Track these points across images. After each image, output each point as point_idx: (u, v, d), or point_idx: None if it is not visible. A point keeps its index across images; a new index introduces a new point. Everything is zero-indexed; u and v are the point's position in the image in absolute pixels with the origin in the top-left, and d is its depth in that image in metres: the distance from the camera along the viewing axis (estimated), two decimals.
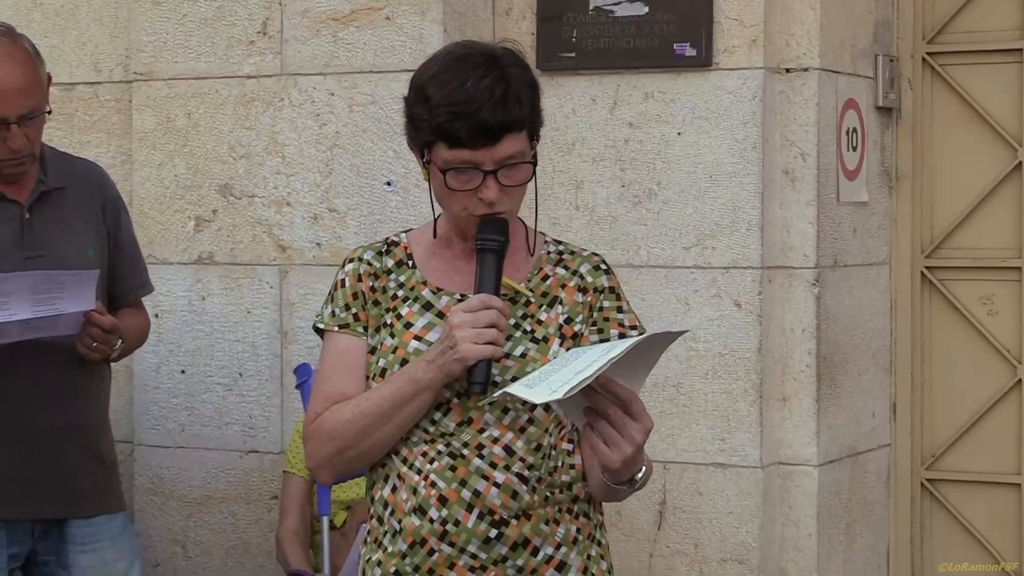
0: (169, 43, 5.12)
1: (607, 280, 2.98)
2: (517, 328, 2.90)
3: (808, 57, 4.78)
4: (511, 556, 2.86)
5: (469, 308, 2.79)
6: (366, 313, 2.95)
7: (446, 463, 2.85)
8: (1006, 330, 5.12)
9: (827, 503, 4.87)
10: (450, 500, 2.85)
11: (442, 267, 2.97)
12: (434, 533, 2.86)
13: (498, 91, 2.79)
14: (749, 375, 4.74)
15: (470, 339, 2.76)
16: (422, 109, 2.84)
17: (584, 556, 2.94)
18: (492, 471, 2.85)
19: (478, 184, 2.82)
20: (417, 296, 2.94)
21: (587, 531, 2.96)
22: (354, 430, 2.86)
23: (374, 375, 2.91)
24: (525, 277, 2.95)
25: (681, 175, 4.79)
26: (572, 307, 2.94)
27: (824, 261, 4.83)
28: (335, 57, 4.92)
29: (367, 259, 3.00)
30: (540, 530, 2.88)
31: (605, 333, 2.94)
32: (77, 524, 4.15)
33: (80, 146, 5.20)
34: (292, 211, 4.98)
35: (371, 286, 2.96)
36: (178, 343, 5.12)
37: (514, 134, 2.82)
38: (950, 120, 5.16)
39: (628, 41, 4.82)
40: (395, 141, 4.84)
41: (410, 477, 2.88)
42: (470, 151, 2.80)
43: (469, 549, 2.85)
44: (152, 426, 5.17)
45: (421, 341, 2.89)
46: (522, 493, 2.86)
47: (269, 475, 5.03)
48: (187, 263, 5.11)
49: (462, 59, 2.85)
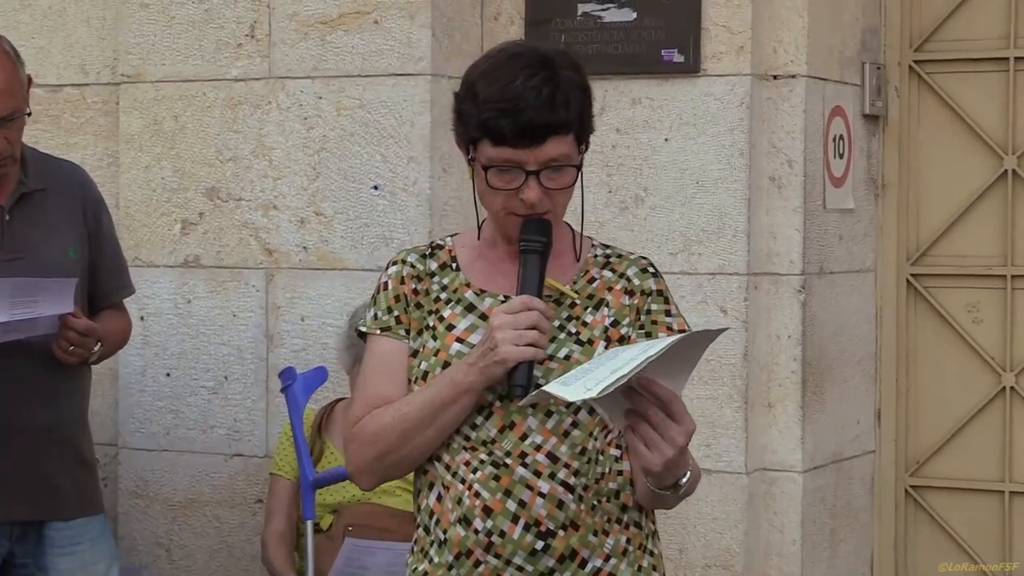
0: (157, 45, 5.11)
1: (655, 283, 2.94)
2: (562, 330, 2.85)
3: (795, 64, 4.78)
4: (558, 569, 2.80)
5: (510, 309, 2.76)
6: (408, 316, 2.91)
7: (489, 472, 2.80)
8: (991, 338, 5.13)
9: (812, 509, 4.87)
10: (495, 511, 2.79)
11: (486, 269, 2.92)
12: (480, 544, 2.80)
13: (546, 91, 2.76)
14: (735, 381, 4.74)
15: (511, 341, 2.72)
16: (470, 105, 2.81)
17: (635, 567, 2.87)
18: (536, 480, 2.79)
19: (520, 184, 2.79)
20: (460, 298, 2.90)
21: (638, 541, 2.89)
22: (395, 434, 2.82)
23: (416, 378, 2.87)
24: (571, 279, 2.91)
25: (668, 181, 4.79)
26: (619, 310, 2.89)
27: (810, 268, 4.84)
28: (323, 60, 4.91)
29: (410, 261, 2.95)
30: (588, 541, 2.82)
31: (653, 336, 2.88)
32: (56, 526, 4.13)
33: (67, 148, 5.19)
34: (279, 214, 4.97)
35: (414, 288, 2.92)
36: (163, 346, 5.12)
37: (560, 136, 2.78)
38: (937, 128, 5.17)
39: (616, 47, 4.83)
40: (382, 145, 4.84)
41: (454, 486, 2.83)
42: (514, 150, 2.76)
43: (515, 561, 2.80)
44: (137, 429, 5.16)
45: (463, 343, 2.85)
46: (568, 502, 2.80)
47: (254, 479, 5.02)
48: (173, 266, 5.11)
49: (515, 57, 2.82)
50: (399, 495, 4.48)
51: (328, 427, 4.67)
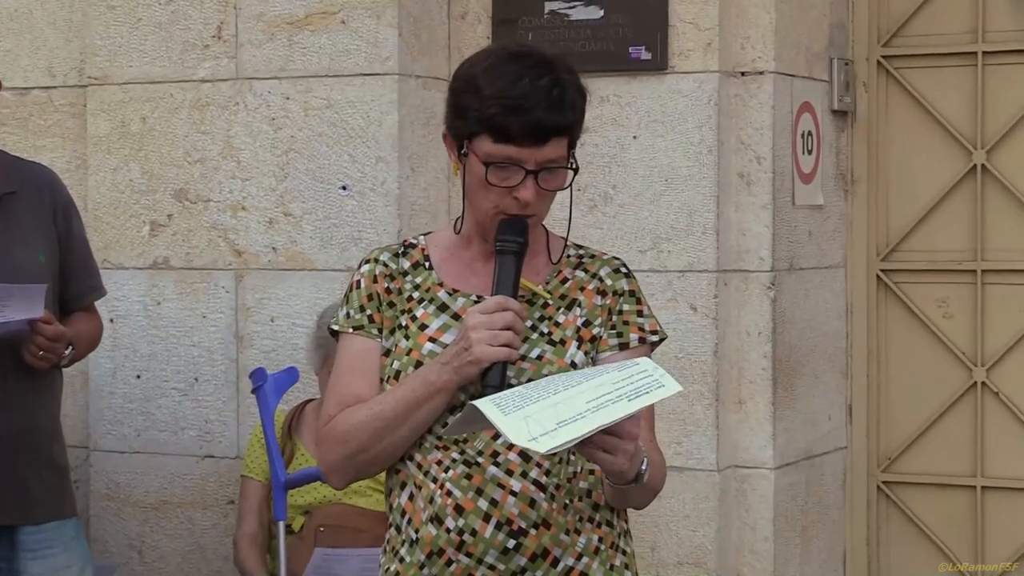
0: (124, 47, 5.09)
1: (627, 283, 2.95)
2: (534, 330, 2.86)
3: (763, 60, 4.79)
4: (530, 567, 2.80)
5: (485, 310, 2.76)
6: (381, 315, 2.91)
7: (461, 471, 2.81)
8: (961, 333, 5.14)
9: (783, 506, 4.87)
10: (467, 509, 2.79)
11: (459, 268, 2.93)
12: (451, 543, 2.80)
13: (555, 92, 2.78)
14: (705, 378, 4.74)
15: (485, 341, 2.73)
16: (471, 99, 2.80)
17: (607, 566, 2.87)
18: (508, 479, 2.79)
19: (517, 183, 2.79)
20: (433, 298, 2.90)
21: (610, 540, 2.89)
22: (367, 433, 2.82)
23: (388, 377, 2.87)
24: (544, 280, 2.92)
25: (636, 179, 4.79)
26: (591, 310, 2.90)
27: (780, 264, 4.84)
28: (290, 61, 4.90)
29: (383, 260, 2.95)
30: (560, 540, 2.82)
31: (624, 336, 2.90)
32: (28, 531, 4.12)
33: (35, 151, 5.17)
34: (247, 215, 4.96)
35: (386, 287, 2.92)
36: (134, 348, 5.10)
37: (560, 138, 2.80)
38: (905, 123, 5.17)
39: (583, 44, 4.82)
40: (350, 145, 4.83)
41: (426, 485, 2.83)
42: (516, 148, 2.77)
43: (487, 560, 2.79)
44: (108, 431, 5.15)
45: (436, 343, 2.85)
46: (540, 501, 2.80)
47: (225, 480, 5.01)
48: (142, 268, 5.09)
49: (519, 56, 2.83)
50: (370, 495, 4.47)
51: (298, 428, 4.66)
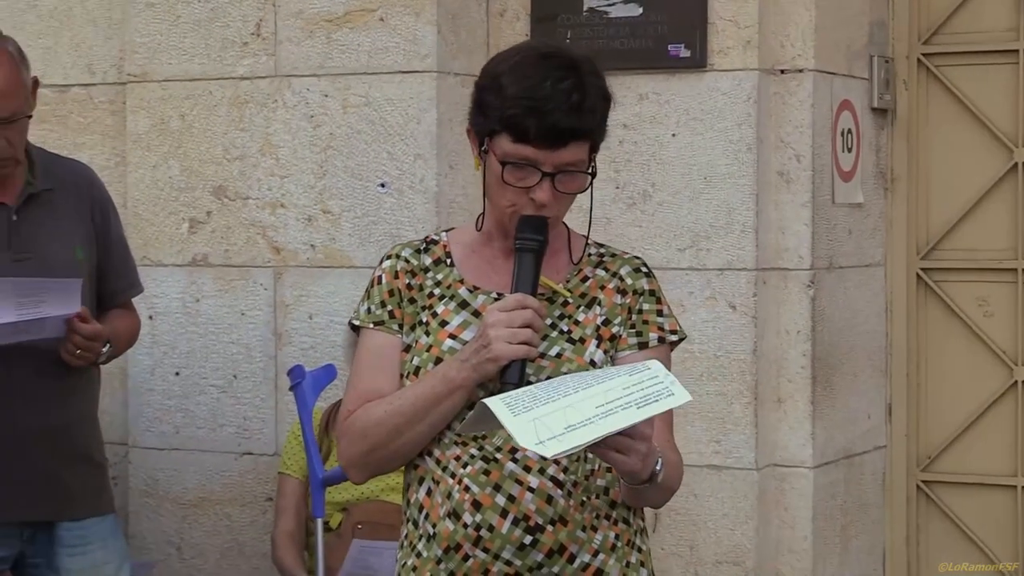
0: (163, 45, 5.11)
1: (647, 283, 2.95)
2: (554, 328, 2.87)
3: (803, 58, 4.77)
4: (546, 563, 2.81)
5: (504, 307, 2.77)
6: (402, 311, 2.93)
7: (479, 467, 2.82)
8: (1002, 332, 5.12)
9: (823, 505, 4.85)
10: (484, 505, 2.81)
11: (480, 265, 2.94)
12: (468, 538, 2.82)
13: (575, 97, 2.79)
14: (744, 377, 4.73)
15: (504, 339, 2.74)
16: (494, 97, 2.82)
17: (623, 563, 2.88)
18: (526, 475, 2.81)
19: (534, 184, 2.80)
20: (454, 294, 2.91)
21: (626, 537, 2.90)
22: (386, 429, 2.84)
23: (408, 373, 2.88)
24: (564, 278, 2.93)
25: (676, 177, 4.78)
26: (610, 308, 2.91)
27: (819, 263, 4.82)
28: (329, 58, 4.91)
29: (405, 256, 2.96)
30: (576, 537, 2.83)
31: (644, 336, 2.91)
32: (66, 527, 4.14)
33: (74, 148, 5.19)
34: (286, 213, 4.97)
35: (408, 283, 2.94)
36: (172, 345, 5.11)
37: (580, 142, 2.81)
38: (945, 121, 5.15)
39: (622, 42, 4.81)
40: (389, 142, 4.83)
41: (444, 480, 2.84)
42: (534, 149, 2.78)
43: (503, 555, 2.81)
44: (147, 428, 5.17)
45: (456, 340, 2.86)
46: (557, 498, 2.81)
47: (263, 477, 5.02)
48: (181, 265, 5.10)
49: (545, 57, 2.83)
50: None
51: (335, 425, 4.66)
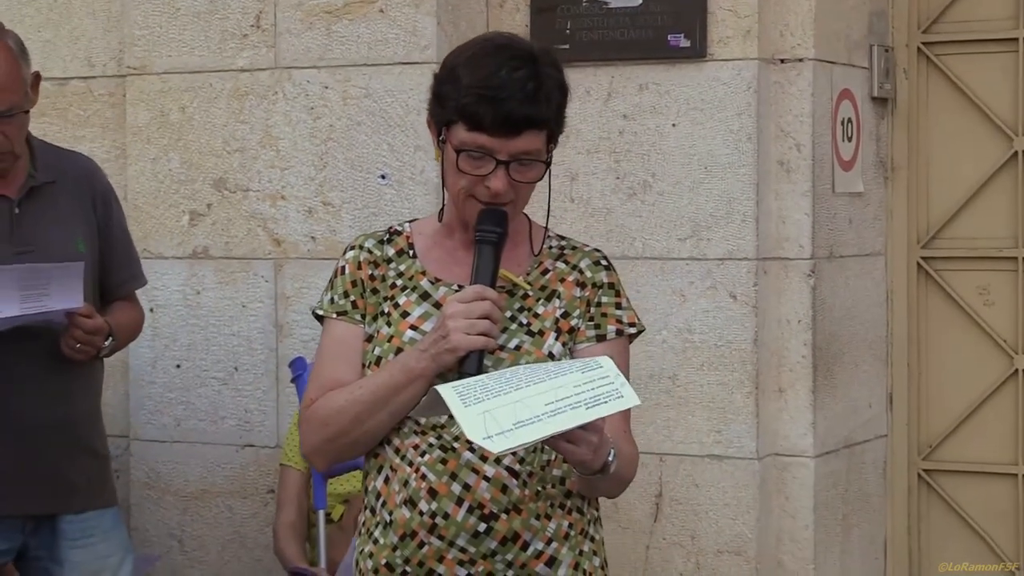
0: (162, 37, 5.11)
1: (606, 276, 2.99)
2: (513, 320, 2.90)
3: (803, 48, 4.77)
4: (500, 550, 2.86)
5: (463, 299, 2.80)
6: (364, 301, 2.96)
7: (437, 456, 2.86)
8: (1002, 320, 5.11)
9: (824, 494, 4.86)
10: (440, 493, 2.85)
11: (442, 257, 2.97)
12: (424, 526, 2.86)
13: (530, 86, 2.81)
14: (745, 366, 4.73)
15: (462, 329, 2.77)
16: (450, 88, 2.85)
17: (576, 552, 2.93)
18: (482, 465, 2.85)
19: (488, 172, 2.83)
20: (415, 286, 2.95)
21: (580, 526, 2.95)
22: (347, 417, 2.88)
23: (370, 363, 2.92)
24: (525, 271, 2.96)
25: (676, 167, 4.78)
26: (570, 301, 2.94)
27: (820, 252, 4.82)
28: (329, 50, 4.90)
29: (368, 247, 3.00)
30: (530, 525, 2.87)
31: (602, 328, 2.94)
32: (68, 519, 4.14)
33: (74, 141, 5.18)
34: (287, 205, 4.97)
35: (370, 274, 2.97)
36: (173, 337, 5.12)
37: (535, 131, 2.83)
38: (946, 110, 5.14)
39: (622, 32, 4.81)
40: (389, 134, 4.83)
41: (402, 468, 2.88)
42: (488, 137, 2.81)
43: (458, 543, 2.85)
44: (148, 420, 5.17)
45: (417, 331, 2.90)
46: (512, 487, 2.85)
47: (265, 469, 5.03)
48: (182, 257, 5.11)
49: (501, 48, 2.87)
50: None
51: None
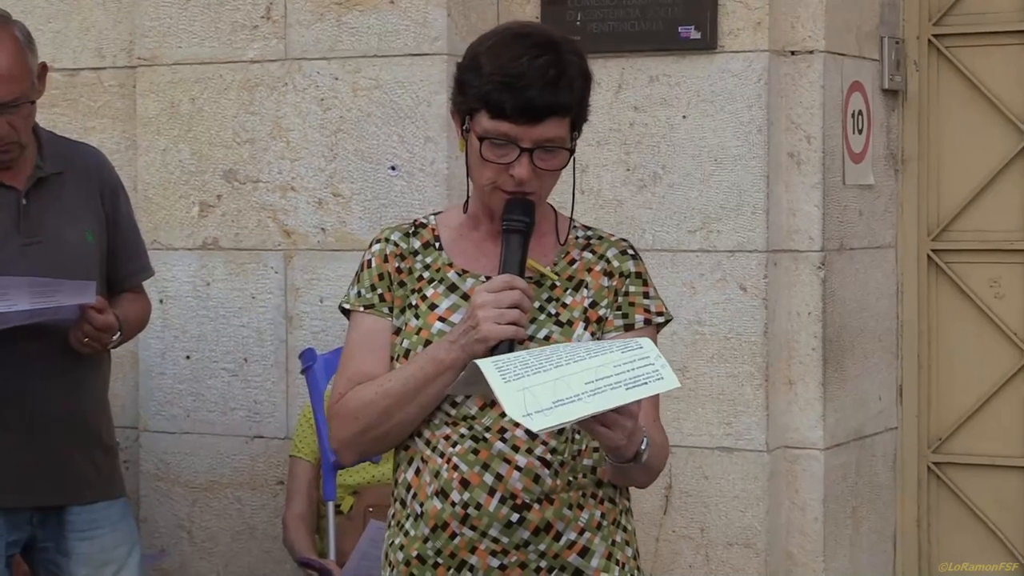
0: (173, 28, 5.10)
1: (634, 265, 2.97)
2: (542, 311, 2.89)
3: (813, 40, 4.76)
4: (533, 541, 2.84)
5: (492, 288, 2.78)
6: (391, 294, 2.95)
7: (468, 446, 2.84)
8: (1013, 313, 5.11)
9: (833, 487, 4.85)
10: (472, 483, 2.83)
11: (469, 249, 2.96)
12: (456, 516, 2.84)
13: (551, 72, 2.79)
14: (755, 359, 4.73)
15: (492, 319, 2.74)
16: (473, 76, 2.83)
17: (608, 542, 2.91)
18: (514, 455, 2.83)
19: (512, 160, 2.82)
20: (443, 278, 2.93)
21: (612, 516, 2.93)
22: (377, 410, 2.85)
23: (398, 356, 2.90)
24: (552, 261, 2.95)
25: (686, 158, 4.78)
26: (597, 291, 2.93)
27: (830, 244, 4.81)
28: (339, 41, 4.90)
29: (394, 240, 2.98)
30: (563, 515, 2.85)
31: (630, 318, 2.93)
32: (76, 511, 4.13)
33: (84, 132, 5.19)
34: (297, 196, 4.97)
35: (397, 267, 2.96)
36: (183, 328, 5.12)
37: (558, 118, 2.82)
38: (956, 102, 5.14)
39: (633, 24, 4.81)
40: (399, 125, 4.83)
41: (433, 460, 2.87)
42: (511, 125, 2.79)
43: (491, 533, 2.83)
44: (157, 412, 5.17)
45: (445, 322, 2.88)
46: (544, 477, 2.83)
47: (275, 460, 5.03)
48: (192, 248, 5.11)
49: (522, 36, 2.85)
50: None
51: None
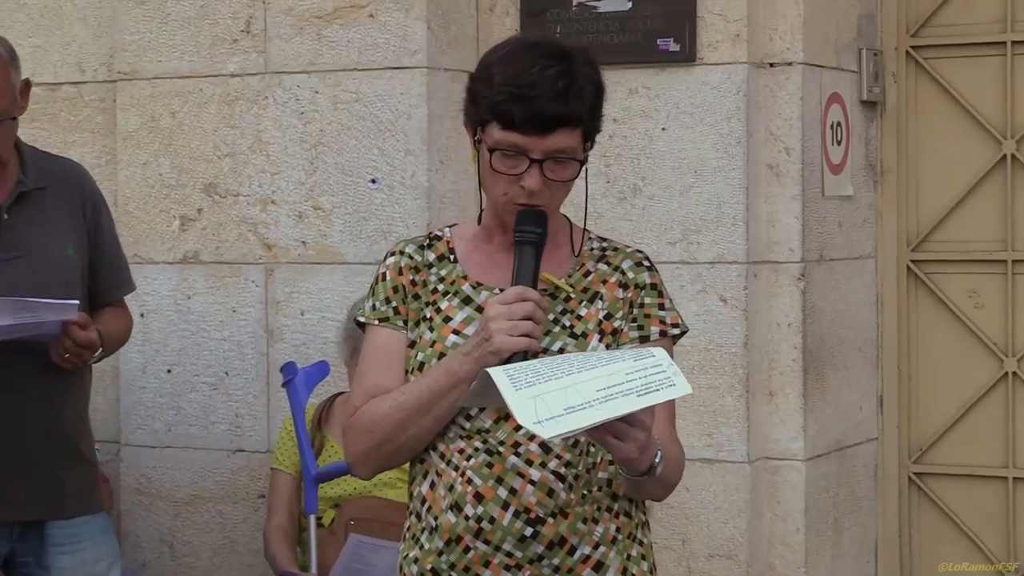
0: (153, 42, 5.10)
1: (649, 277, 2.95)
2: (556, 323, 2.87)
3: (792, 52, 4.78)
4: (547, 555, 2.82)
5: (504, 300, 2.76)
6: (406, 307, 2.93)
7: (483, 460, 2.83)
8: (992, 323, 5.12)
9: (815, 498, 4.86)
10: (486, 497, 2.82)
11: (483, 261, 2.94)
12: (469, 530, 2.83)
13: (561, 83, 2.78)
14: (735, 370, 4.73)
15: (505, 331, 2.73)
16: (484, 86, 2.83)
17: (623, 556, 2.89)
18: (528, 468, 2.82)
19: (522, 171, 2.80)
20: (457, 290, 2.92)
21: (628, 530, 2.91)
22: (392, 423, 2.84)
23: (412, 369, 2.89)
24: (566, 273, 2.93)
25: (666, 170, 4.79)
26: (612, 303, 2.91)
27: (810, 255, 4.83)
28: (319, 55, 4.91)
29: (408, 252, 2.97)
30: (577, 529, 2.84)
31: (645, 330, 2.91)
32: (57, 525, 4.12)
33: (65, 146, 5.18)
34: (277, 209, 4.97)
35: (412, 280, 2.94)
36: (164, 342, 5.11)
37: (568, 129, 2.80)
38: (935, 113, 5.16)
39: (612, 36, 4.82)
40: (379, 138, 4.84)
41: (447, 474, 2.86)
42: (521, 136, 2.78)
43: (504, 547, 2.82)
44: (138, 426, 5.16)
45: (460, 335, 2.87)
46: (559, 491, 2.82)
47: (256, 474, 5.02)
48: (172, 262, 5.10)
49: (534, 46, 2.85)
50: (400, 487, 4.47)
51: (328, 421, 4.67)
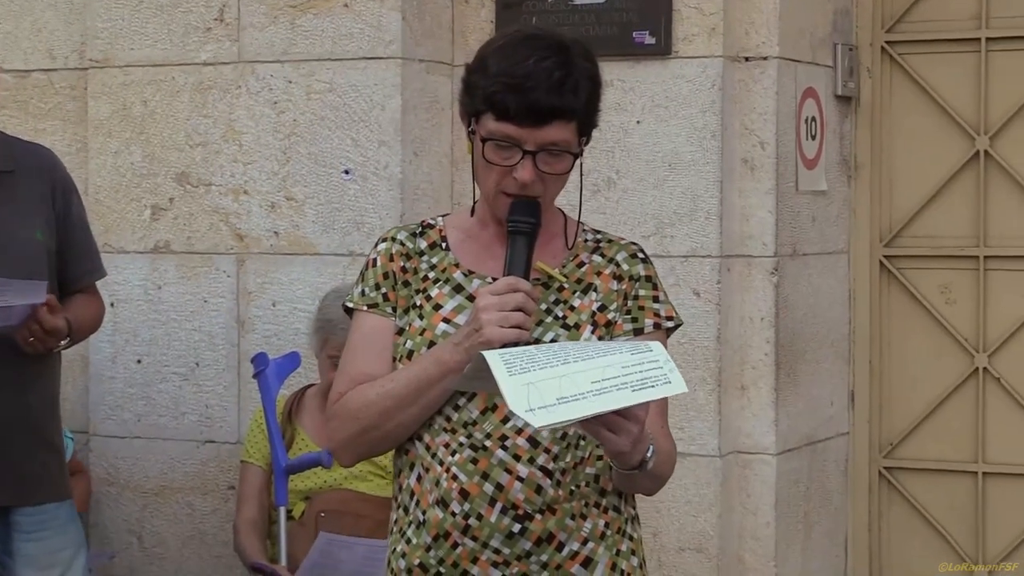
0: (125, 30, 5.08)
1: (643, 268, 2.94)
2: (549, 314, 2.86)
3: (767, 46, 4.77)
4: (535, 551, 2.81)
5: (496, 290, 2.74)
6: (396, 293, 2.92)
7: (467, 455, 2.81)
8: (964, 319, 5.14)
9: (785, 492, 4.87)
10: (472, 494, 2.80)
11: (476, 250, 2.93)
12: (457, 527, 2.82)
13: (557, 75, 2.77)
14: (708, 364, 4.73)
15: (496, 322, 2.71)
16: (479, 77, 2.82)
17: (613, 551, 2.88)
18: (515, 464, 2.80)
19: (515, 162, 2.79)
20: (448, 278, 2.90)
21: (616, 525, 2.90)
22: (378, 411, 2.82)
23: (401, 356, 2.87)
24: (560, 264, 2.92)
25: (640, 164, 4.78)
26: (606, 294, 2.90)
27: (783, 250, 4.83)
28: (292, 44, 4.88)
29: (400, 239, 2.95)
30: (565, 525, 2.83)
31: (639, 322, 2.90)
32: (23, 512, 4.10)
33: (35, 133, 5.15)
34: (249, 199, 4.95)
35: (402, 266, 2.93)
36: (134, 332, 5.09)
37: (563, 122, 2.78)
38: (909, 109, 5.16)
39: (587, 29, 4.80)
40: (353, 129, 4.82)
41: (433, 468, 2.84)
42: (515, 127, 2.77)
43: (492, 544, 2.81)
44: (108, 416, 5.14)
45: (450, 324, 2.85)
46: (546, 487, 2.80)
47: (226, 465, 5.00)
48: (143, 252, 5.08)
49: (531, 38, 2.83)
50: (371, 480, 4.46)
51: (299, 413, 4.65)
